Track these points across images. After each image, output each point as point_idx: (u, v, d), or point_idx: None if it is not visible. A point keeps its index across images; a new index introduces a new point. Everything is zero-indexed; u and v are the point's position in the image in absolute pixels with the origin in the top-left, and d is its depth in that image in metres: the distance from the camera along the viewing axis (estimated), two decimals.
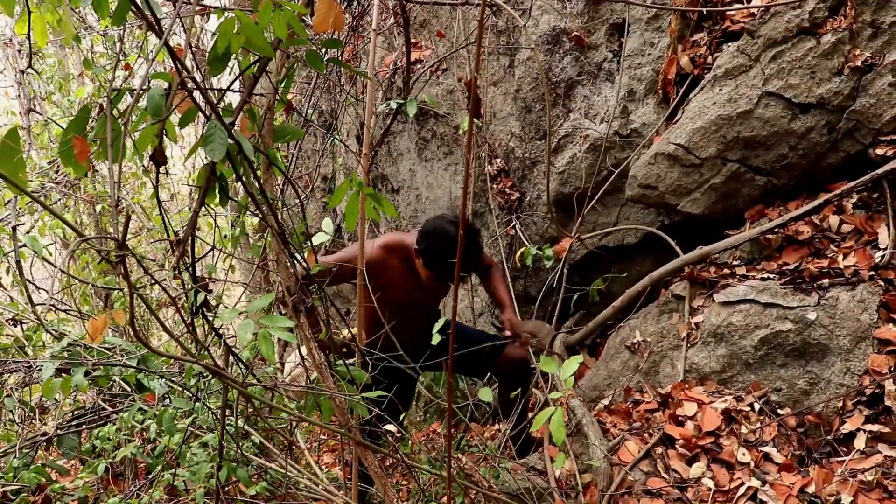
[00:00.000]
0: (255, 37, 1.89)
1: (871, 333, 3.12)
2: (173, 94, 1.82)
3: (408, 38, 4.33)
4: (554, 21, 4.51)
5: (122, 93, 1.99)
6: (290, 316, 2.46)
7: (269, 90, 2.39)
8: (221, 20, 1.90)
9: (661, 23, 4.18)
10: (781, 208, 3.79)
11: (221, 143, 1.82)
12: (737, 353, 3.40)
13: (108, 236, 1.71)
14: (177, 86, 1.81)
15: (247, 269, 7.53)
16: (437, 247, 3.32)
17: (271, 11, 1.91)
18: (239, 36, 1.90)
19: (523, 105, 4.70)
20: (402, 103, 4.80)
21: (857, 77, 3.57)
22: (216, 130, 1.83)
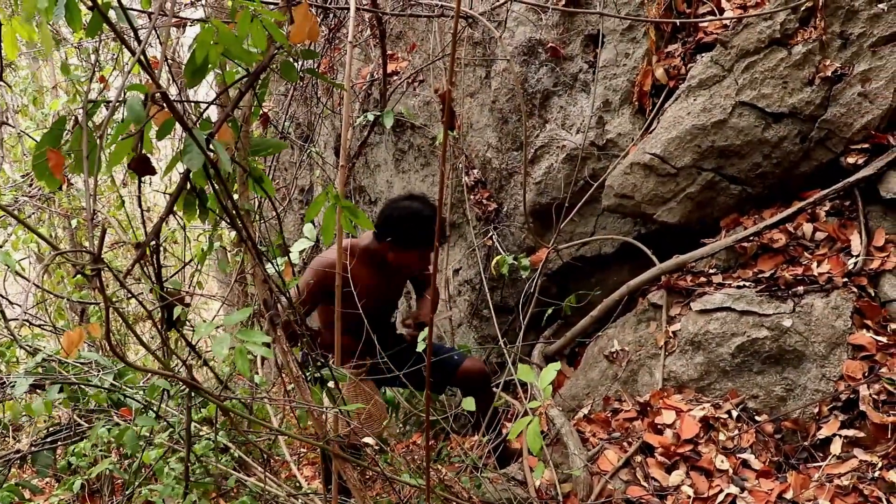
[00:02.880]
0: (233, 46, 1.89)
1: (845, 339, 3.15)
2: (149, 106, 1.81)
3: (384, 49, 4.34)
4: (530, 32, 4.54)
5: (98, 104, 1.98)
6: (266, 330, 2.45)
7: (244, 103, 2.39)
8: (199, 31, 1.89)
9: (635, 34, 4.22)
10: (756, 216, 3.83)
11: (199, 153, 1.81)
12: (714, 361, 3.42)
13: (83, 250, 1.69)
14: (152, 98, 1.80)
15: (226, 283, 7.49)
16: (414, 225, 3.25)
17: (249, 21, 1.90)
18: (217, 46, 1.89)
19: (500, 116, 4.72)
20: (379, 115, 4.81)
21: (827, 87, 3.62)
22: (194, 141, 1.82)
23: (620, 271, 4.45)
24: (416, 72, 5.37)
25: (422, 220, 3.25)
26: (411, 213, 3.27)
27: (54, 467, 3.62)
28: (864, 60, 3.59)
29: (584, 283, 4.63)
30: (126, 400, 3.30)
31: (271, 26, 1.96)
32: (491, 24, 4.56)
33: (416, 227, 3.25)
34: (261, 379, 4.28)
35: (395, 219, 3.29)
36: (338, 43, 5.82)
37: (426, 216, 3.26)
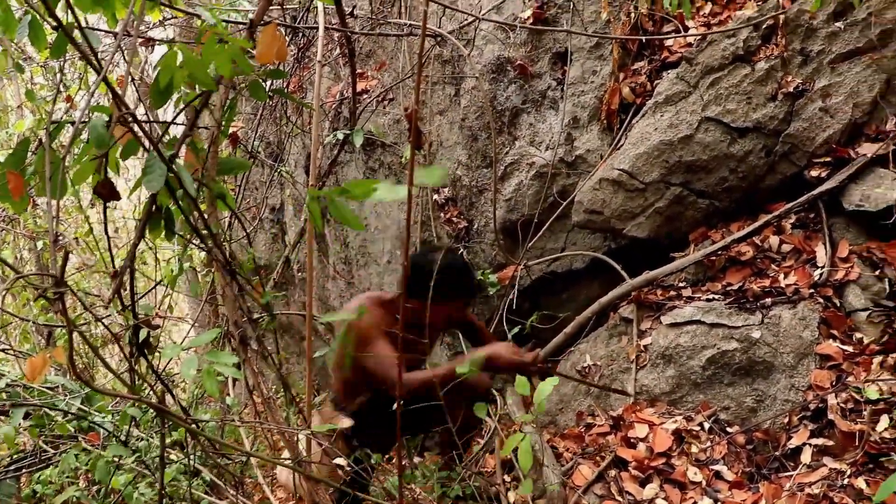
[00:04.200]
0: (198, 71, 1.88)
1: (812, 350, 3.19)
2: (113, 126, 1.79)
3: (353, 68, 4.34)
4: (498, 50, 4.57)
5: (62, 125, 1.96)
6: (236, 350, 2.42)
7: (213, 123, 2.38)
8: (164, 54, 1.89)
9: (602, 52, 4.27)
10: (724, 230, 3.87)
11: (160, 175, 1.80)
12: (685, 374, 3.44)
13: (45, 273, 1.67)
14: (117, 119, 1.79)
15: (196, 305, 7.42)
16: (455, 275, 3.17)
17: (215, 45, 1.90)
18: (182, 70, 1.89)
19: (469, 134, 4.74)
20: (349, 134, 4.81)
21: (790, 102, 3.68)
22: (155, 162, 1.81)
23: (591, 286, 4.47)
24: (385, 90, 5.38)
25: (461, 271, 3.23)
26: (448, 266, 3.17)
27: (19, 496, 3.55)
28: (824, 76, 3.66)
29: (555, 298, 4.64)
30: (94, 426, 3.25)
31: (236, 52, 1.95)
32: (459, 42, 4.59)
33: (458, 280, 3.20)
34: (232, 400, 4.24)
35: (431, 272, 3.11)
36: (307, 62, 5.82)
37: (461, 271, 3.23)
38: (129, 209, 7.89)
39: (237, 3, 3.04)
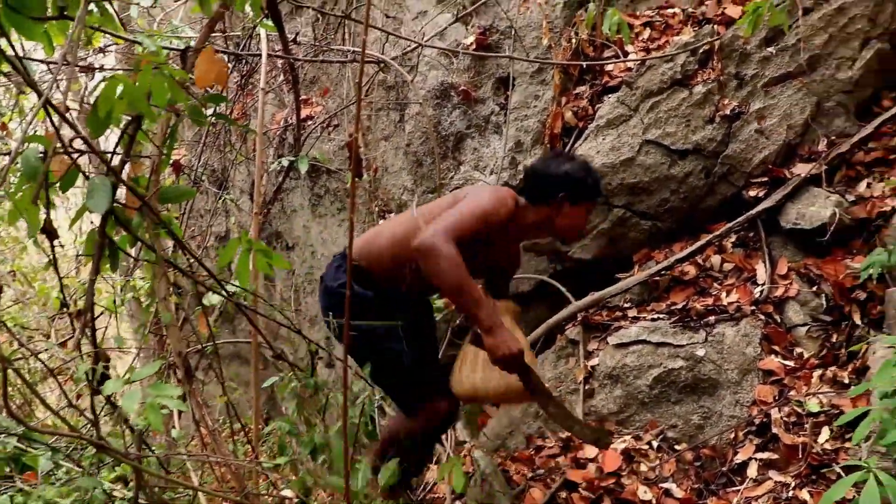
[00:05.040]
0: (136, 101, 1.86)
1: (755, 365, 3.26)
2: (49, 159, 1.76)
3: (297, 95, 4.34)
4: (442, 76, 4.60)
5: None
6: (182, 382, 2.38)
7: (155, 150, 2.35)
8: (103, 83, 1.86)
9: (544, 76, 4.33)
10: (667, 250, 3.94)
11: (104, 196, 1.77)
12: (633, 394, 3.48)
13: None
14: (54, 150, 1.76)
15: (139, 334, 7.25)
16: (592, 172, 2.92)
17: (150, 74, 1.88)
18: (121, 100, 1.86)
19: (414, 159, 4.76)
20: (294, 160, 4.79)
21: (727, 124, 3.78)
22: (99, 185, 1.78)
23: (539, 309, 4.50)
24: (329, 116, 5.38)
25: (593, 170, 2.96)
26: (584, 163, 2.94)
27: None
28: (759, 99, 3.78)
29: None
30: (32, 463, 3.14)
31: (171, 84, 1.94)
32: (403, 68, 4.62)
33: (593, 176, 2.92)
34: (178, 433, 4.15)
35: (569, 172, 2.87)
36: (251, 89, 5.79)
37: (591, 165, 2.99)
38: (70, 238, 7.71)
39: (179, 31, 3.01)
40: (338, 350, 3.46)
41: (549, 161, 2.95)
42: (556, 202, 2.85)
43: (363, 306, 2.80)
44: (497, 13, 4.42)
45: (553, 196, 2.84)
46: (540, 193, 2.87)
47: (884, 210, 3.47)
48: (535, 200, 2.88)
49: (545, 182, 2.87)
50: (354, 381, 3.11)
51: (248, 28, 4.43)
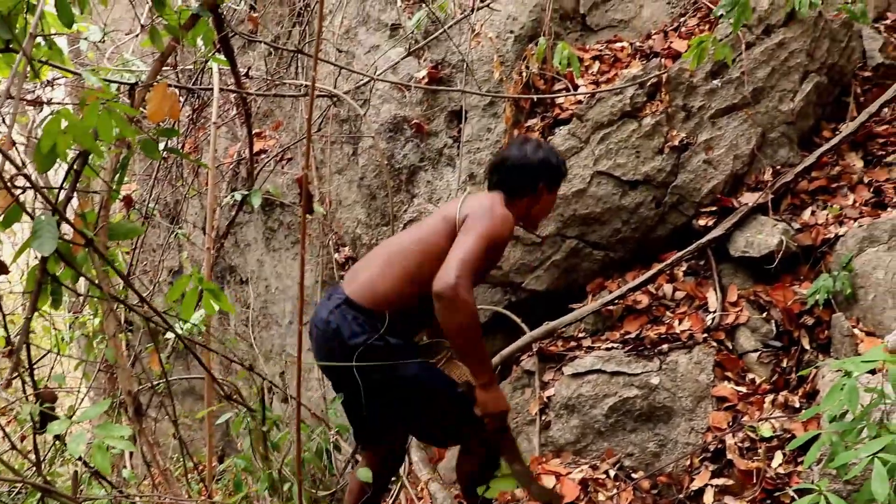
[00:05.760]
0: (81, 136, 1.84)
1: (709, 392, 3.30)
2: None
3: (250, 129, 4.31)
4: (395, 109, 4.63)
5: None
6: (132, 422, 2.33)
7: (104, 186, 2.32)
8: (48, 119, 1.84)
9: (496, 109, 4.37)
10: (620, 280, 3.98)
11: (51, 237, 1.73)
12: (589, 423, 3.49)
13: None
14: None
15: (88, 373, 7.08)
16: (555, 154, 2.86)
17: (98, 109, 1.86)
18: (66, 135, 1.83)
19: (368, 192, 4.76)
20: (247, 194, 4.75)
21: (676, 155, 3.86)
22: (45, 224, 1.75)
23: (494, 340, 4.50)
24: (282, 150, 5.36)
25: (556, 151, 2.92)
26: (549, 146, 2.90)
27: None
28: (706, 130, 3.86)
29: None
30: None
31: (118, 119, 1.92)
32: (356, 101, 4.63)
33: (560, 157, 2.89)
34: (130, 473, 4.05)
35: (545, 159, 2.82)
36: (203, 123, 5.75)
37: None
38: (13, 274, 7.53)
39: (130, 64, 2.99)
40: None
41: (521, 151, 2.84)
42: (536, 192, 2.82)
43: (399, 357, 2.63)
44: (449, 47, 4.47)
45: (534, 187, 2.81)
46: (521, 186, 2.82)
47: (828, 237, 3.57)
48: (515, 195, 2.82)
49: (527, 174, 2.80)
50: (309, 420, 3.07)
51: (200, 62, 4.41)
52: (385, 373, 2.58)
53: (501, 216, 2.65)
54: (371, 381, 2.59)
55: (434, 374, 2.75)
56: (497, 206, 2.70)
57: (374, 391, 2.63)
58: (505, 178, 2.83)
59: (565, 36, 4.36)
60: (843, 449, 2.04)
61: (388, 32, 4.75)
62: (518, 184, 2.81)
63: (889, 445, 1.89)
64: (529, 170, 2.80)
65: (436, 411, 2.72)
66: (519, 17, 4.33)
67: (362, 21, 4.87)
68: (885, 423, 2.07)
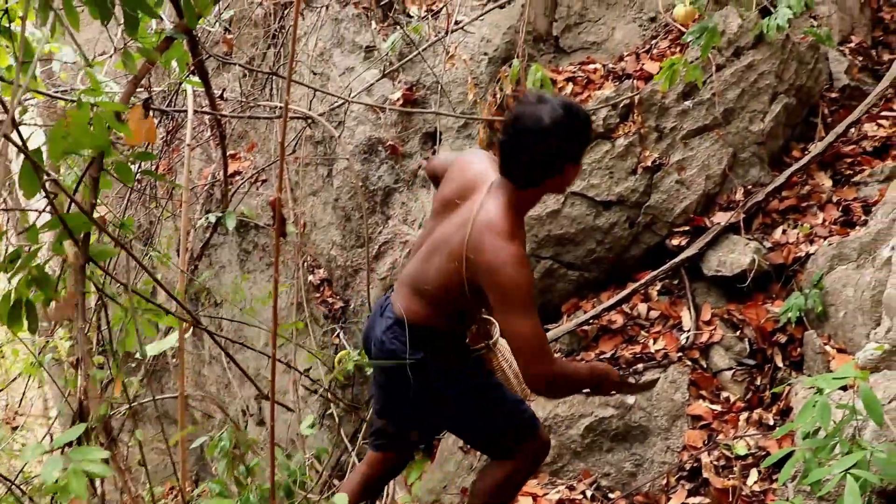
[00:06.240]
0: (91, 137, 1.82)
1: (684, 411, 3.31)
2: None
3: (224, 151, 4.30)
4: (369, 131, 4.64)
5: None
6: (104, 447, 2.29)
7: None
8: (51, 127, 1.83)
9: (470, 131, 4.40)
10: (594, 300, 4.00)
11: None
12: (565, 444, 3.49)
13: None
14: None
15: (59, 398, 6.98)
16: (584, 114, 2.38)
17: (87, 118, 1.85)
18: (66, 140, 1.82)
19: (343, 214, 4.75)
20: (221, 216, 4.72)
21: (649, 176, 3.89)
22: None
23: None
24: (257, 172, 5.34)
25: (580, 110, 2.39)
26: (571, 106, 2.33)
27: None
28: (678, 151, 3.91)
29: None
30: None
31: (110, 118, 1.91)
32: (331, 123, 4.63)
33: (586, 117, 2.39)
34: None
35: (570, 130, 2.29)
36: (177, 144, 5.73)
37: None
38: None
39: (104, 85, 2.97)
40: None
41: (537, 125, 2.25)
42: (558, 173, 2.34)
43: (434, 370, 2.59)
44: (423, 69, 4.49)
45: (555, 170, 2.32)
46: (539, 177, 2.34)
47: (799, 255, 3.62)
48: (532, 185, 2.36)
49: (545, 160, 2.30)
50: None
51: (175, 84, 4.40)
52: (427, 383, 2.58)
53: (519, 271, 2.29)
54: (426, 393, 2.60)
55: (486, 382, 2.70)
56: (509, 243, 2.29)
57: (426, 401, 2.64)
58: (517, 170, 2.34)
59: (539, 58, 4.40)
60: (817, 465, 2.06)
61: (363, 54, 4.77)
62: (535, 176, 2.33)
63: (861, 461, 1.91)
64: (547, 154, 2.29)
65: (487, 420, 2.68)
66: (493, 40, 4.37)
67: (337, 43, 4.89)
68: (857, 440, 2.09)
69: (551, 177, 2.33)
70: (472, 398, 2.65)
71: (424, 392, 2.60)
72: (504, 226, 2.31)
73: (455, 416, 2.72)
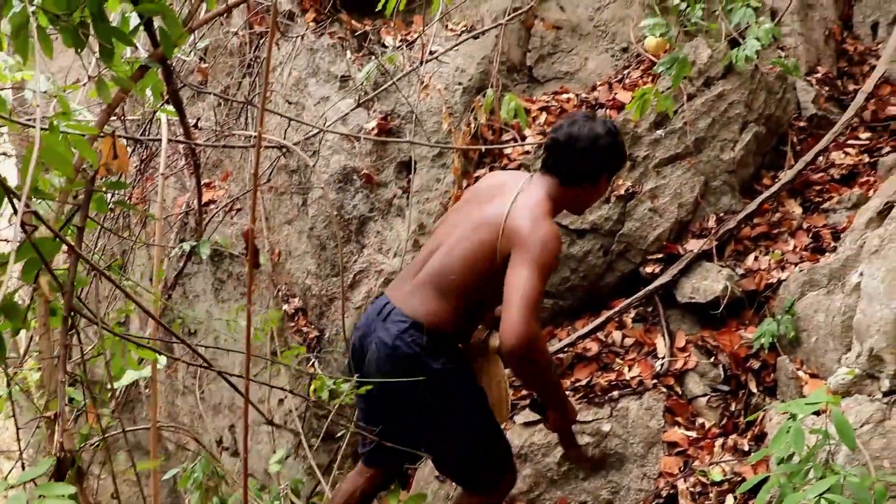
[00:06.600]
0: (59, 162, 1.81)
1: (660, 438, 3.32)
2: None
3: (198, 180, 4.29)
4: (344, 160, 4.64)
5: None
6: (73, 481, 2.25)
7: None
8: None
9: (445, 160, 4.42)
10: (569, 327, 4.01)
11: None
12: (542, 472, 3.48)
13: None
14: None
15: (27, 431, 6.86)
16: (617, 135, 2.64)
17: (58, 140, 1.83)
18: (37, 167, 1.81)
19: (318, 243, 4.74)
20: (196, 245, 4.70)
21: (622, 204, 3.93)
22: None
23: None
24: (232, 201, 5.32)
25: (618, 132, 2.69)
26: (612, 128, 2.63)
27: None
28: (651, 179, 3.95)
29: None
30: None
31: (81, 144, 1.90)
32: (305, 152, 4.63)
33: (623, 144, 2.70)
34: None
35: (612, 146, 2.59)
36: (151, 173, 5.70)
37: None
38: None
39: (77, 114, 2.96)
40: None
41: (591, 133, 2.55)
42: (595, 183, 2.62)
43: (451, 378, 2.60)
44: (398, 99, 4.52)
45: (596, 177, 2.61)
46: (582, 176, 2.59)
47: (771, 282, 3.66)
48: (572, 184, 2.59)
49: (590, 163, 2.57)
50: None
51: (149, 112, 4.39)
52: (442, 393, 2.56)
53: (552, 236, 2.44)
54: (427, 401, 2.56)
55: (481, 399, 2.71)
56: (547, 219, 2.49)
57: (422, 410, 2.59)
58: (565, 165, 2.57)
59: (512, 87, 4.45)
60: (792, 490, 2.06)
61: (338, 84, 4.79)
62: (579, 173, 2.57)
63: (834, 486, 1.92)
64: (594, 158, 2.56)
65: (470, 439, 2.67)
66: (467, 70, 4.41)
67: (312, 73, 4.90)
68: (831, 464, 2.10)
69: (590, 182, 2.60)
70: (473, 411, 2.65)
71: (434, 400, 2.55)
72: (545, 207, 2.51)
73: (450, 427, 2.66)
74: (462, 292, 2.53)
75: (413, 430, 2.67)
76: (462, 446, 2.69)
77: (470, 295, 2.54)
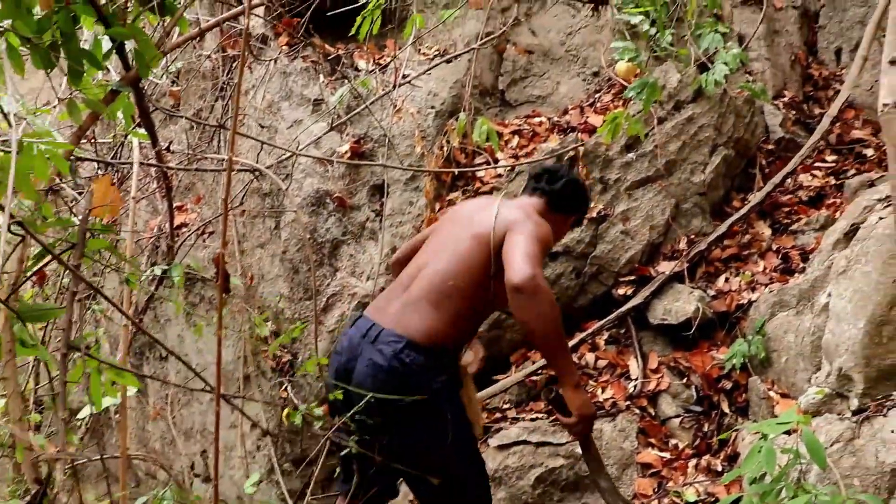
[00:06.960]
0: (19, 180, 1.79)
1: (634, 459, 3.32)
2: None
3: (170, 203, 4.26)
4: (317, 183, 4.63)
5: None
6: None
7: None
8: None
9: (418, 183, 4.43)
10: None
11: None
12: (516, 495, 3.46)
13: None
14: None
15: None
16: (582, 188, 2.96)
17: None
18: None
19: (291, 266, 4.72)
20: (167, 269, 4.65)
21: (594, 227, 3.96)
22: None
23: None
24: (204, 224, 5.29)
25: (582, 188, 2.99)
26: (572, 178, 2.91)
27: None
28: (623, 202, 3.99)
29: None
30: None
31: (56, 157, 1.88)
32: (278, 176, 4.62)
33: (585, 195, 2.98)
34: None
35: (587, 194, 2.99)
36: (122, 196, 5.65)
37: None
38: None
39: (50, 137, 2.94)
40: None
41: (573, 175, 2.98)
42: (568, 216, 2.89)
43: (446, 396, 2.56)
44: (371, 122, 4.53)
45: (572, 210, 2.89)
46: (566, 204, 2.85)
47: (741, 303, 3.69)
48: (557, 209, 2.82)
49: (573, 195, 2.86)
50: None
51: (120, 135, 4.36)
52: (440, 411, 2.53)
53: (545, 223, 2.63)
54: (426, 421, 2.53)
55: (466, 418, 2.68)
56: (537, 215, 2.68)
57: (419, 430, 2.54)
58: (554, 190, 2.81)
59: (485, 111, 4.48)
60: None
61: (311, 107, 4.80)
62: (564, 200, 2.83)
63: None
64: (576, 194, 2.87)
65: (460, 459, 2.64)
66: (440, 93, 4.43)
67: (285, 96, 4.91)
68: (802, 483, 2.12)
69: (566, 214, 2.85)
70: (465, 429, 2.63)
71: (432, 419, 2.51)
72: (535, 210, 2.73)
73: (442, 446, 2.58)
74: (459, 297, 2.53)
75: (405, 453, 2.60)
76: (451, 466, 2.63)
77: (467, 300, 2.55)
